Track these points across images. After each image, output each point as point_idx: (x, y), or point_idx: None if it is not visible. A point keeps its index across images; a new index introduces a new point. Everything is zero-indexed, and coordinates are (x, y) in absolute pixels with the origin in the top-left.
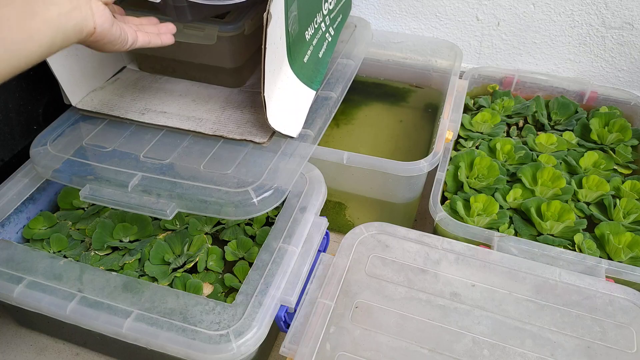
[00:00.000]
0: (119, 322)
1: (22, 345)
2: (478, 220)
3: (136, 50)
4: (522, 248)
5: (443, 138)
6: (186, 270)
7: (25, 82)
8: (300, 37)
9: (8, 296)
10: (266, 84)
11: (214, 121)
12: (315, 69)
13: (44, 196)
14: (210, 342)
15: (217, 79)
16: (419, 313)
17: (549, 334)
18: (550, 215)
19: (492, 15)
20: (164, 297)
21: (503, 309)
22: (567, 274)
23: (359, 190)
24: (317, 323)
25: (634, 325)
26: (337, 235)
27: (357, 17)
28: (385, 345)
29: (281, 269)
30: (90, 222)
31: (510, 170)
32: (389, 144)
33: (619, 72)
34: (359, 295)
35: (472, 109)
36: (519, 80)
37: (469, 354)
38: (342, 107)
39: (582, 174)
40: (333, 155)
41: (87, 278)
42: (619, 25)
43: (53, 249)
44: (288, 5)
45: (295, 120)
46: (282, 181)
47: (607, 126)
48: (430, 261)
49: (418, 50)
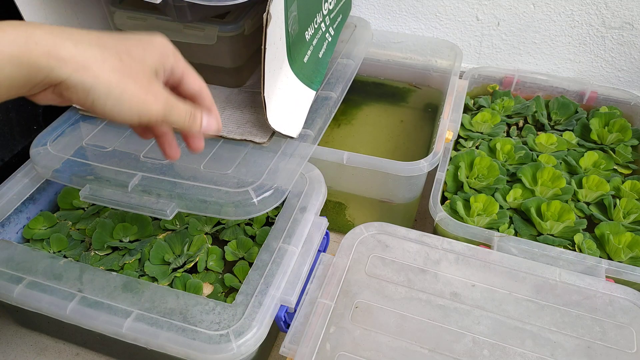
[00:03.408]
0: (119, 322)
1: (22, 345)
2: (478, 220)
3: None
4: (522, 248)
5: (443, 138)
6: (186, 270)
7: None
8: (300, 37)
9: (8, 296)
10: (266, 84)
11: None
12: (315, 69)
13: (44, 196)
14: (210, 342)
15: (217, 79)
16: (419, 313)
17: (549, 334)
18: (550, 215)
19: (492, 15)
20: (164, 297)
21: (503, 309)
22: (567, 274)
23: (359, 190)
24: (317, 323)
25: (634, 325)
26: (337, 235)
27: (357, 17)
28: (385, 345)
29: (281, 269)
30: (90, 222)
31: (510, 170)
32: (389, 144)
33: (619, 72)
34: (359, 295)
35: (472, 109)
36: (519, 80)
37: (469, 354)
38: (342, 107)
39: (582, 174)
40: (333, 155)
41: (87, 278)
42: (619, 25)
43: (53, 249)
44: (288, 5)
45: (295, 120)
46: (282, 181)
47: (607, 126)
48: (430, 261)
49: (418, 50)
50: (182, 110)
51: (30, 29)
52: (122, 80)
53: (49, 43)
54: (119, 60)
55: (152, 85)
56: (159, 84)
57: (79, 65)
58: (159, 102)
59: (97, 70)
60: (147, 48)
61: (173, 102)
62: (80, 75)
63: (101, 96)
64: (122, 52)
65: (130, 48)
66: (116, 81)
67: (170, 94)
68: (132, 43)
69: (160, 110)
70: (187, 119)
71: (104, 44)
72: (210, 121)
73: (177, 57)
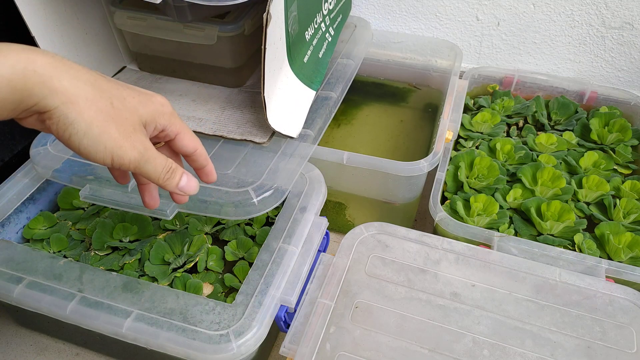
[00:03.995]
0: (119, 322)
1: (22, 345)
2: (478, 220)
3: (137, 50)
4: (522, 248)
5: (443, 138)
6: (186, 270)
7: None
8: (300, 37)
9: (8, 296)
10: (266, 84)
11: (214, 121)
12: (315, 69)
13: (44, 196)
14: (210, 342)
15: (217, 79)
16: (419, 313)
17: (549, 334)
18: (550, 215)
19: (492, 15)
20: (164, 297)
21: (503, 309)
22: (567, 274)
23: (359, 190)
24: (317, 323)
25: (634, 325)
26: (337, 235)
27: (357, 17)
28: (385, 345)
29: (281, 269)
30: (90, 222)
31: (510, 170)
32: (389, 144)
33: (619, 72)
34: (359, 295)
35: (472, 109)
36: (519, 80)
37: (469, 354)
38: (342, 107)
39: (582, 174)
40: (333, 155)
41: (87, 278)
42: (619, 25)
43: (53, 249)
44: (288, 5)
45: (295, 120)
46: (282, 181)
47: (607, 126)
48: (430, 261)
49: (418, 50)
50: (159, 164)
51: (33, 56)
52: (104, 123)
53: (46, 73)
54: (110, 104)
55: (135, 134)
56: (143, 135)
57: (68, 99)
58: (134, 150)
59: (83, 106)
60: (144, 101)
61: (151, 155)
62: (66, 108)
63: (79, 132)
64: (116, 97)
65: (126, 97)
66: (98, 122)
67: (151, 147)
68: (130, 93)
69: (135, 159)
70: (163, 175)
71: (100, 85)
72: (190, 183)
73: (173, 117)
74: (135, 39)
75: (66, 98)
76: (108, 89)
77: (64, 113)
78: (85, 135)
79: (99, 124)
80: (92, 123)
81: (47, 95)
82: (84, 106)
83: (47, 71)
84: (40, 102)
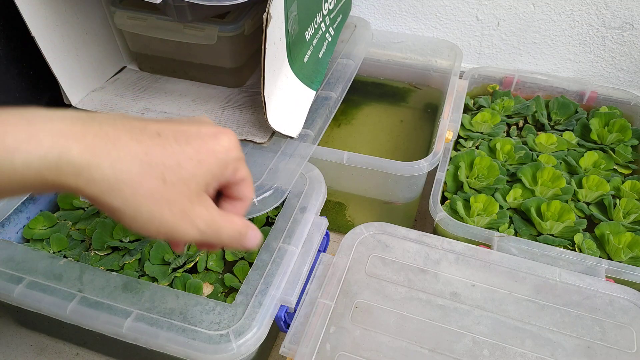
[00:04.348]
0: (119, 322)
1: (22, 345)
2: (478, 220)
3: (137, 50)
4: (522, 248)
5: (443, 138)
6: (186, 270)
7: (25, 82)
8: (300, 37)
9: (8, 296)
10: (266, 84)
11: (214, 121)
12: (315, 69)
13: (44, 196)
14: (210, 342)
15: (217, 79)
16: (419, 313)
17: (549, 334)
18: (550, 215)
19: (492, 15)
20: (164, 297)
21: (503, 309)
22: (567, 274)
23: (359, 190)
24: (317, 323)
25: (634, 325)
26: (337, 235)
27: (357, 17)
28: (385, 345)
29: (281, 269)
30: (90, 222)
31: (510, 170)
32: (389, 144)
33: (619, 72)
34: (359, 295)
35: (472, 109)
36: (519, 80)
37: (469, 354)
38: (342, 107)
39: (582, 174)
40: (333, 155)
41: (87, 278)
42: (619, 25)
43: (53, 249)
44: (288, 5)
45: (295, 120)
46: (282, 181)
47: (607, 126)
48: (430, 261)
49: (418, 50)
50: (226, 234)
51: (69, 142)
52: (154, 206)
53: (83, 164)
54: (161, 181)
55: (193, 208)
56: (203, 206)
57: (109, 187)
58: (194, 229)
59: (129, 194)
60: (206, 158)
61: (215, 228)
62: (108, 197)
63: (125, 218)
64: (169, 168)
65: (182, 162)
66: (147, 206)
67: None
68: (188, 154)
69: (195, 236)
70: (230, 242)
71: (150, 158)
72: (257, 239)
73: (238, 164)
74: (135, 39)
75: (107, 186)
76: (160, 159)
77: (106, 201)
78: (134, 221)
79: (148, 209)
80: (139, 209)
81: (83, 186)
82: (129, 193)
83: (84, 159)
84: (75, 191)
